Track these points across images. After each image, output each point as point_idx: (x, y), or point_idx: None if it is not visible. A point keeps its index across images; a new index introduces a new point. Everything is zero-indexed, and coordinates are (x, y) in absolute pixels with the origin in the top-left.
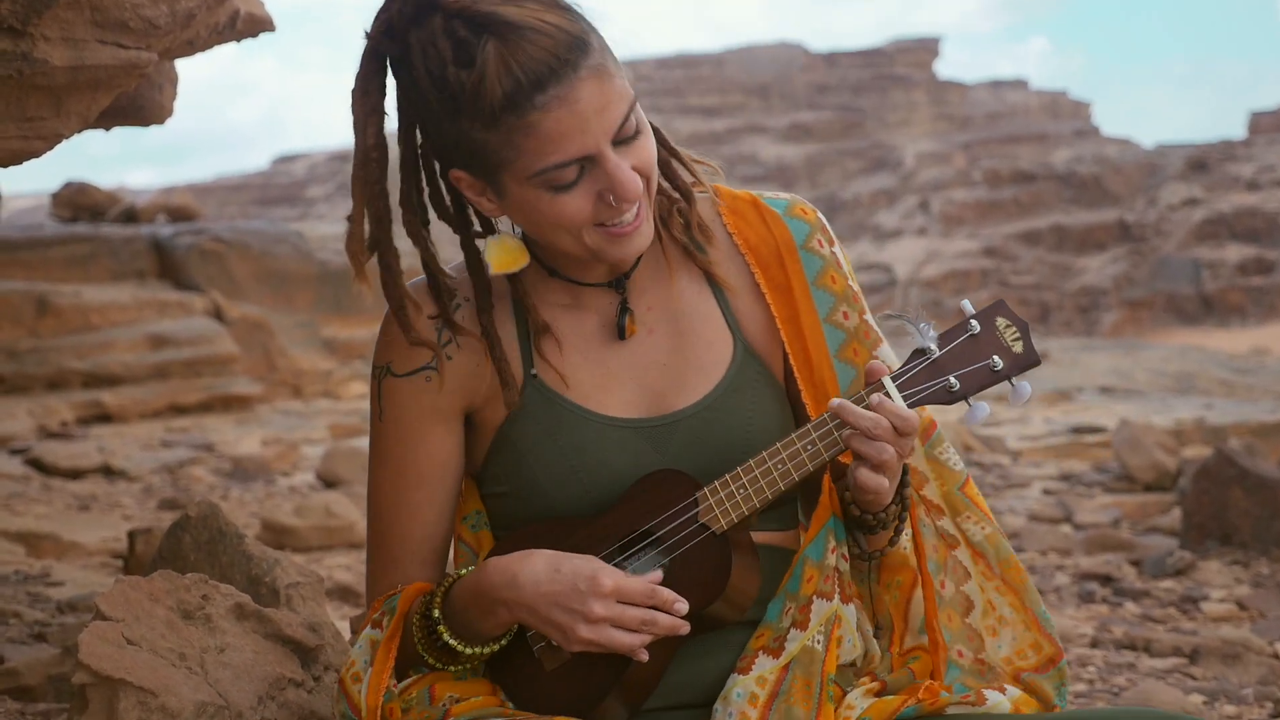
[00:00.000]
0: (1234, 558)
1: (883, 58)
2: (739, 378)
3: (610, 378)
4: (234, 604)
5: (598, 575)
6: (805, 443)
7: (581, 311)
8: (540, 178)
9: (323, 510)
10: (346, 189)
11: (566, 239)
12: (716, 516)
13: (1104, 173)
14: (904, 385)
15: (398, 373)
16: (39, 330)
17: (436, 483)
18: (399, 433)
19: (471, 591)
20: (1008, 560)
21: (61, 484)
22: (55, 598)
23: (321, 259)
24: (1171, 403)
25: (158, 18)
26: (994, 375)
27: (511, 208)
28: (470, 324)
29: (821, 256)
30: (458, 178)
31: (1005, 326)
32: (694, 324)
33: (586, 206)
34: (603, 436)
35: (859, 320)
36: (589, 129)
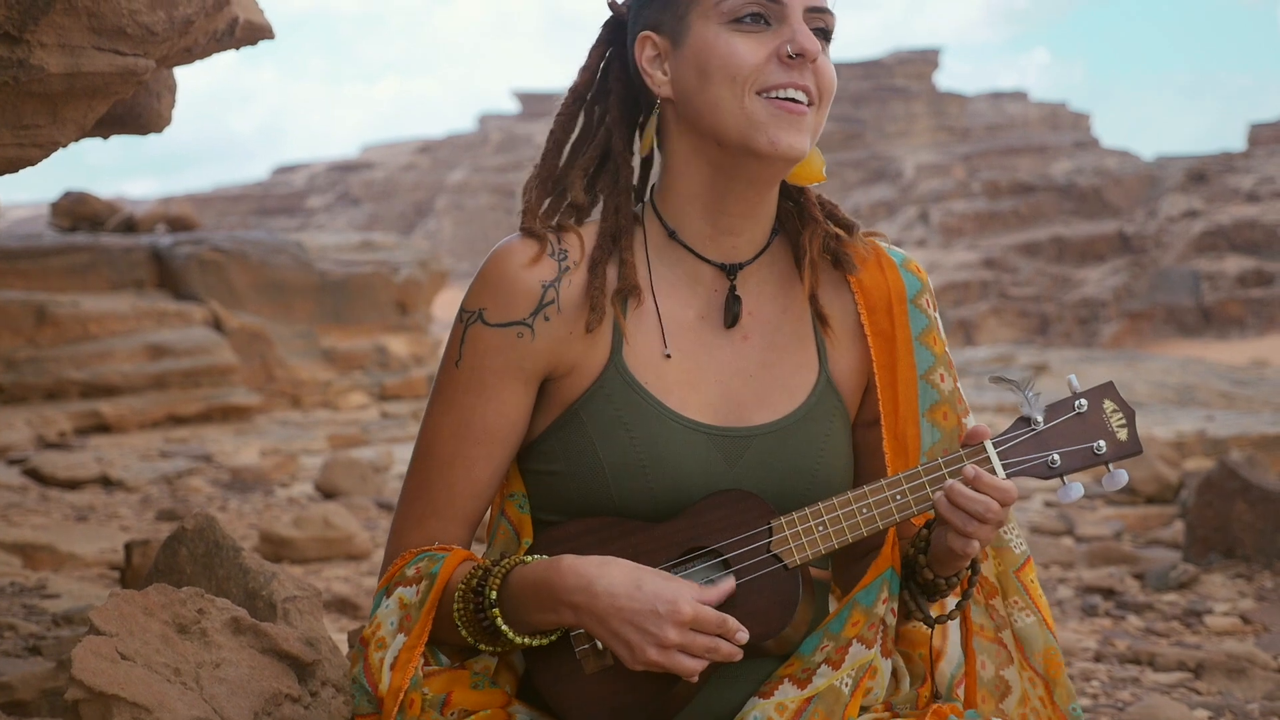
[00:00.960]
0: (1237, 571)
1: (882, 69)
2: (818, 407)
3: (697, 375)
4: (230, 618)
5: (678, 601)
6: (895, 492)
7: (688, 294)
8: (728, 3)
9: (321, 521)
10: (346, 199)
11: (729, 100)
12: (791, 550)
13: (1104, 184)
14: (1005, 453)
15: (490, 321)
16: (37, 340)
17: (498, 442)
18: (474, 382)
19: (537, 584)
20: (1046, 652)
21: (59, 494)
22: (51, 610)
23: (321, 269)
24: (1172, 414)
25: (155, 24)
26: (1095, 458)
27: (686, 62)
28: (577, 285)
29: (928, 316)
30: (644, 39)
31: (1112, 411)
32: (788, 342)
33: (761, 53)
34: (676, 436)
35: (954, 386)
36: None
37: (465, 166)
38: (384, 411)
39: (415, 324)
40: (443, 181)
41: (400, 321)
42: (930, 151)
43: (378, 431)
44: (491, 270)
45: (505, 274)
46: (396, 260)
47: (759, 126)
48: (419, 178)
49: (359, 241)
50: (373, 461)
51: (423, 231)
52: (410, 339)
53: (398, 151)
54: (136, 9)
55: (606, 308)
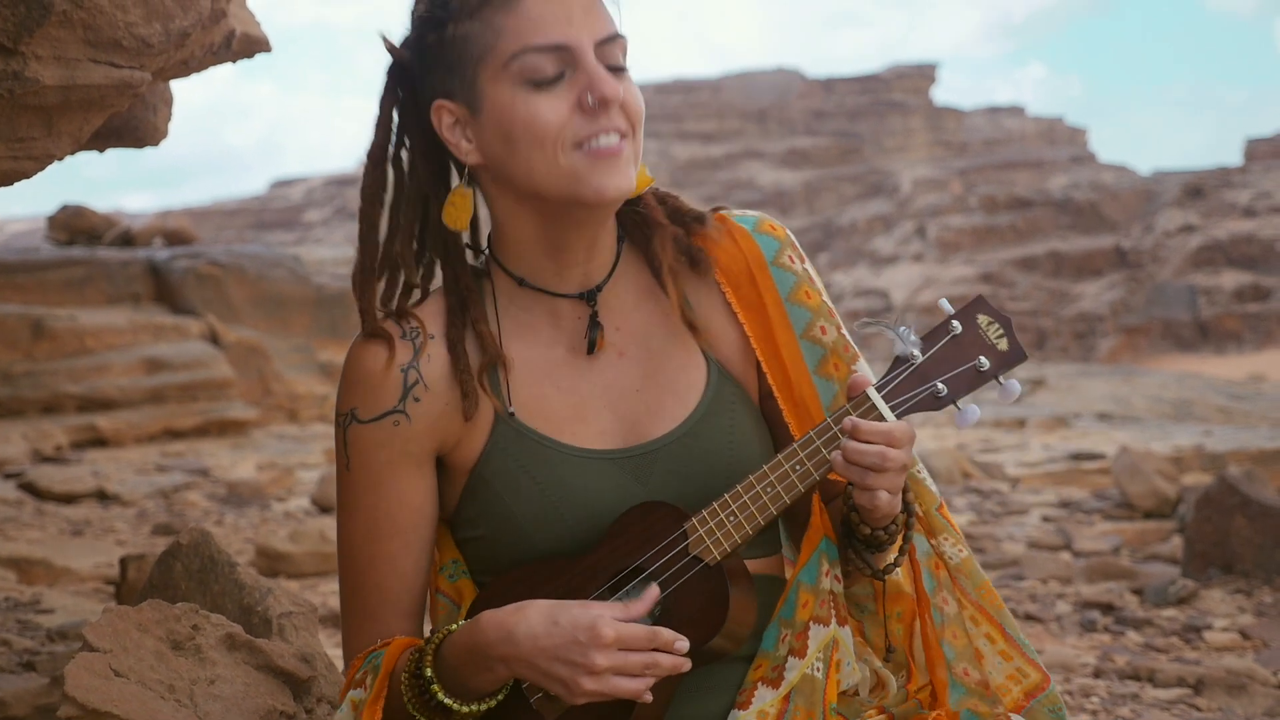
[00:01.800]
0: (1236, 586)
1: (880, 84)
2: (715, 401)
3: (584, 406)
4: (225, 634)
5: (596, 625)
6: (793, 463)
7: (552, 333)
8: (518, 64)
9: (317, 536)
10: (344, 213)
11: (542, 161)
12: (708, 547)
13: (1100, 199)
14: (890, 395)
15: (364, 419)
16: (34, 353)
17: (411, 530)
18: (368, 481)
19: (465, 648)
20: (983, 585)
21: (55, 508)
22: (45, 625)
23: (318, 283)
24: (1170, 429)
25: (151, 36)
26: (981, 376)
27: (488, 127)
28: (438, 361)
29: (794, 272)
30: (439, 108)
31: (988, 323)
32: (666, 346)
33: (563, 110)
34: (582, 470)
35: (836, 335)
36: (573, 20)
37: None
38: None
39: None
40: None
41: None
42: (927, 166)
43: None
44: (351, 371)
45: (363, 370)
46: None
47: (580, 179)
48: None
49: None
50: None
51: None
52: None
53: None
54: (132, 21)
55: (478, 390)
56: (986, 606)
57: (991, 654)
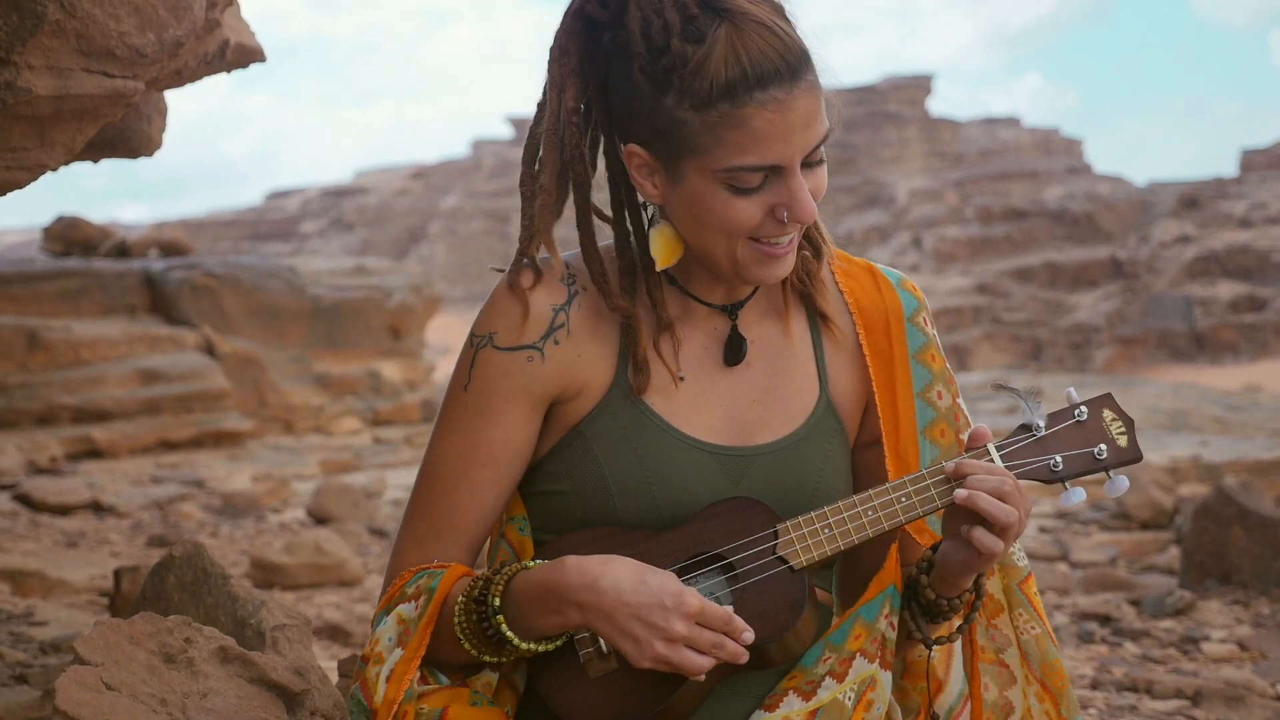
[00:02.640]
0: (1234, 597)
1: (875, 95)
2: (818, 428)
3: (702, 399)
4: (217, 647)
5: (683, 594)
6: (900, 494)
7: (690, 328)
8: (728, 174)
9: (313, 548)
10: (340, 224)
11: (721, 244)
12: (797, 552)
13: (1096, 210)
14: (1007, 456)
15: (500, 345)
16: (29, 365)
17: (504, 465)
18: (482, 405)
19: (542, 586)
20: (1052, 665)
21: (50, 520)
22: (38, 638)
23: (314, 294)
24: (1166, 440)
25: (145, 46)
26: (1096, 463)
27: (680, 198)
28: (588, 311)
29: (925, 334)
30: (632, 152)
31: (1111, 420)
32: (789, 366)
33: (757, 215)
34: (682, 455)
35: (952, 402)
36: (792, 140)
37: (459, 192)
38: (376, 437)
39: (408, 349)
40: (436, 207)
41: (393, 347)
42: (923, 177)
43: (370, 457)
44: (502, 295)
45: (516, 299)
46: (389, 285)
47: (748, 268)
48: (412, 203)
49: (352, 266)
50: (365, 487)
51: (416, 257)
52: (403, 364)
53: (391, 177)
54: (125, 31)
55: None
56: (1051, 687)
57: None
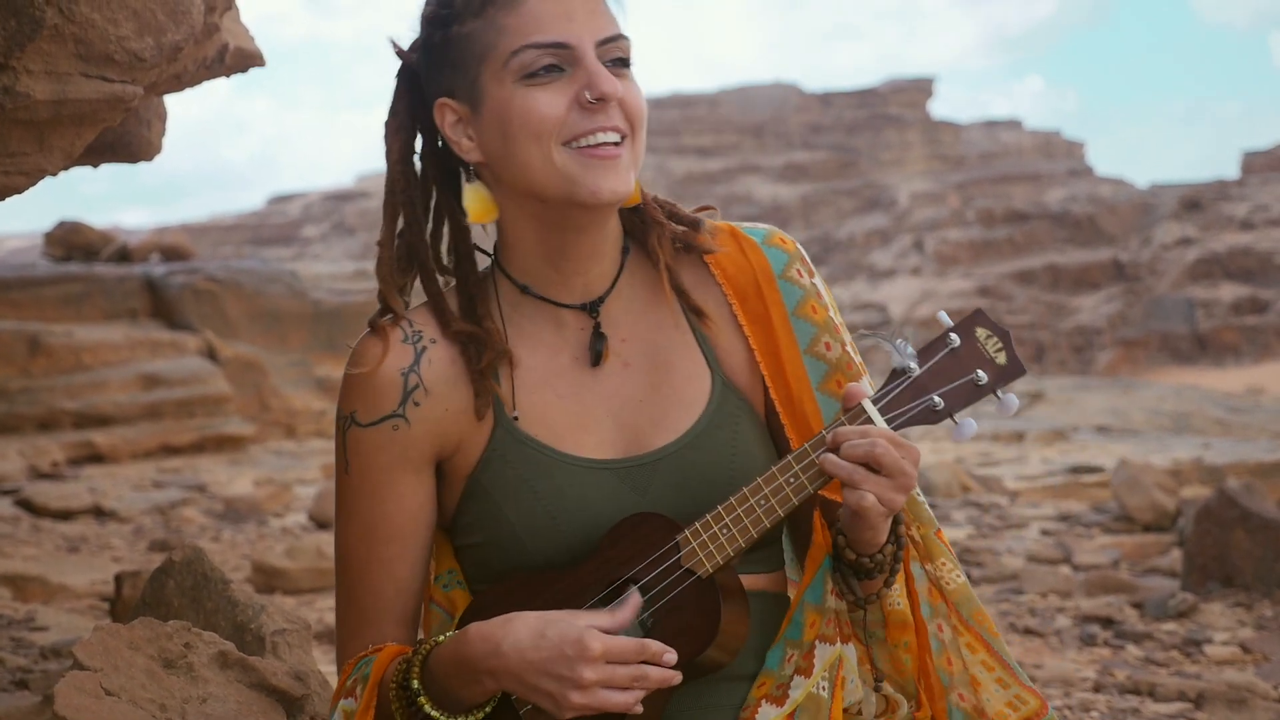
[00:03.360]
0: (1236, 600)
1: (877, 98)
2: (719, 413)
3: (586, 415)
4: (217, 652)
5: (584, 639)
6: (787, 476)
7: (555, 340)
8: (518, 60)
9: (314, 552)
10: (341, 228)
11: (537, 157)
12: (700, 560)
13: (1098, 212)
14: (886, 408)
15: (363, 422)
16: (31, 370)
17: (409, 536)
18: (367, 485)
19: (453, 660)
20: (978, 612)
21: (51, 525)
22: (39, 643)
23: (315, 298)
24: (1169, 442)
25: (143, 50)
26: (979, 390)
27: (488, 124)
28: (439, 364)
29: (801, 286)
30: (442, 107)
31: (986, 337)
32: (671, 357)
33: (561, 105)
34: (581, 480)
35: (841, 351)
36: (575, 19)
37: None
38: None
39: None
40: None
41: None
42: (924, 180)
43: None
44: (351, 372)
45: (364, 373)
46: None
47: (575, 180)
48: None
49: (353, 270)
50: None
51: None
52: None
53: None
54: (124, 35)
55: (489, 389)
56: (982, 633)
57: (989, 680)
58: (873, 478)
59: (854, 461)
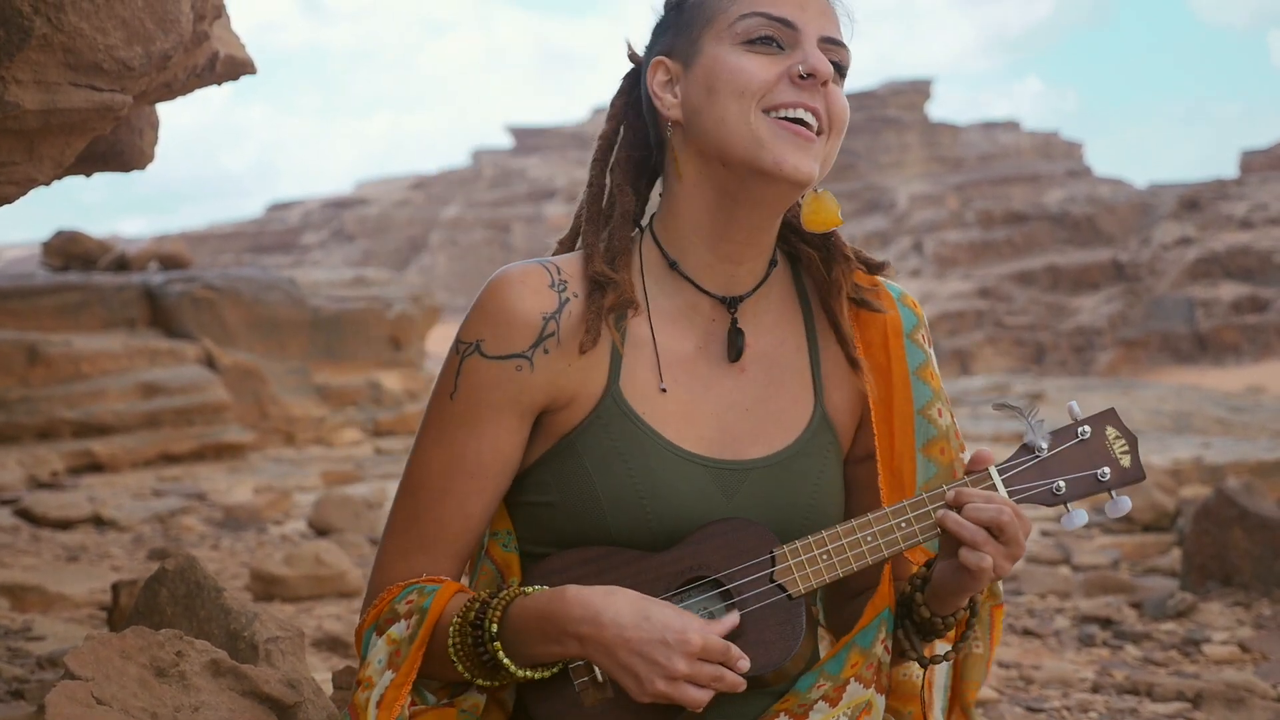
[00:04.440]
0: (1235, 599)
1: (875, 100)
2: (813, 442)
3: (694, 408)
4: (209, 660)
5: (687, 631)
6: (900, 520)
7: (686, 325)
8: (744, 24)
9: (313, 559)
10: (341, 235)
11: (734, 114)
12: (795, 579)
13: (1097, 213)
14: (1009, 480)
15: (488, 353)
16: (29, 379)
17: (491, 476)
18: (469, 415)
19: (540, 615)
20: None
21: (50, 534)
22: (35, 653)
23: (314, 305)
24: (1169, 442)
25: (132, 59)
26: (1099, 485)
27: (696, 80)
28: (576, 317)
29: (924, 351)
30: (657, 65)
31: (1114, 438)
32: (784, 375)
33: (771, 71)
34: (674, 468)
35: (950, 421)
36: (807, 8)
37: (459, 202)
38: (377, 448)
39: (409, 360)
40: (437, 217)
41: (393, 357)
42: (923, 182)
43: (371, 468)
44: (490, 300)
45: (505, 305)
46: (389, 296)
47: (764, 145)
48: (413, 213)
49: (352, 278)
50: (366, 498)
51: (417, 267)
52: (404, 375)
53: (391, 187)
54: (113, 44)
55: (602, 330)
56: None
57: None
58: (992, 542)
59: (978, 524)
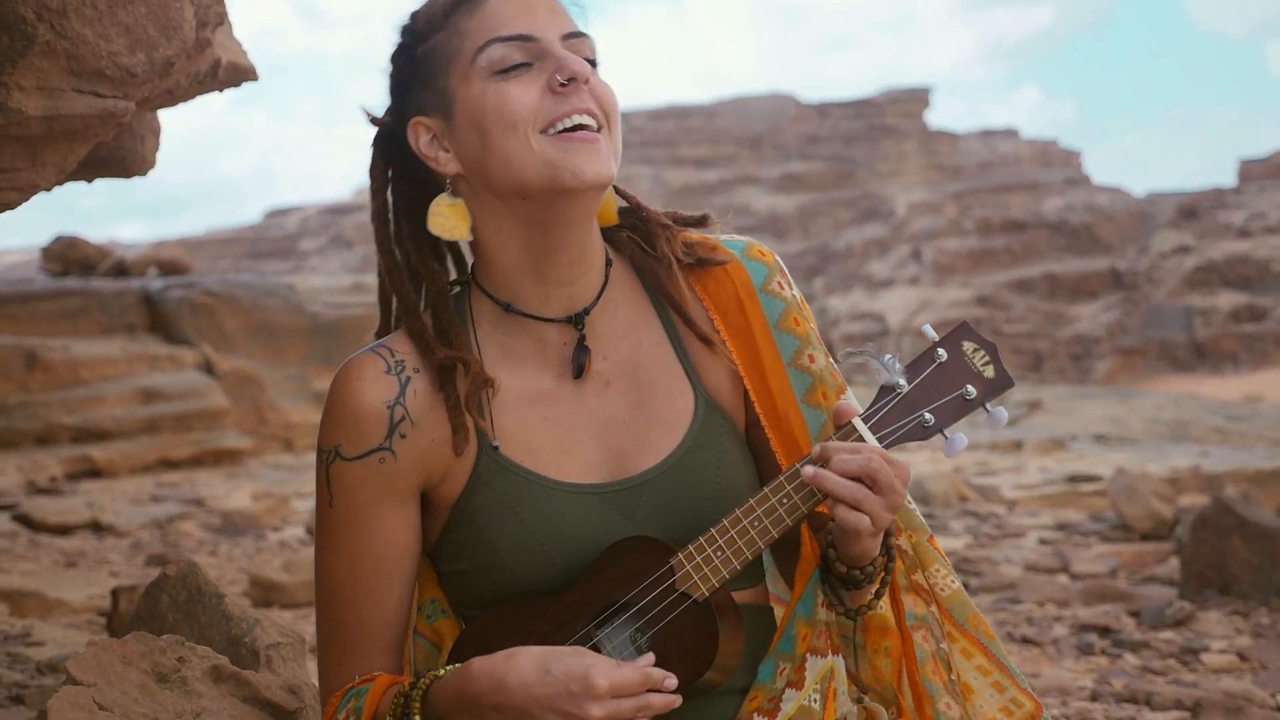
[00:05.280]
0: (1234, 608)
1: (874, 108)
2: (703, 433)
3: (569, 437)
4: (211, 666)
5: (590, 675)
6: (780, 497)
7: (538, 360)
8: (484, 56)
9: (312, 565)
10: (339, 242)
11: (516, 147)
12: (696, 583)
13: (1095, 221)
14: (876, 426)
15: (348, 455)
16: (28, 385)
17: (395, 567)
18: (352, 517)
19: (455, 695)
20: (974, 616)
21: (49, 540)
22: (35, 658)
23: (312, 311)
24: (1167, 450)
25: (135, 66)
26: (968, 404)
27: (463, 125)
28: (423, 394)
29: (783, 299)
30: (416, 126)
31: (973, 350)
32: (653, 376)
33: (533, 92)
34: (567, 505)
35: (825, 362)
36: (537, 14)
37: None
38: None
39: None
40: None
41: None
42: (922, 190)
43: None
44: (335, 405)
45: (349, 405)
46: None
47: (556, 164)
48: None
49: (350, 283)
50: None
51: None
52: None
53: None
54: (116, 51)
55: (466, 425)
56: (979, 636)
57: (984, 686)
58: (870, 497)
59: (849, 475)
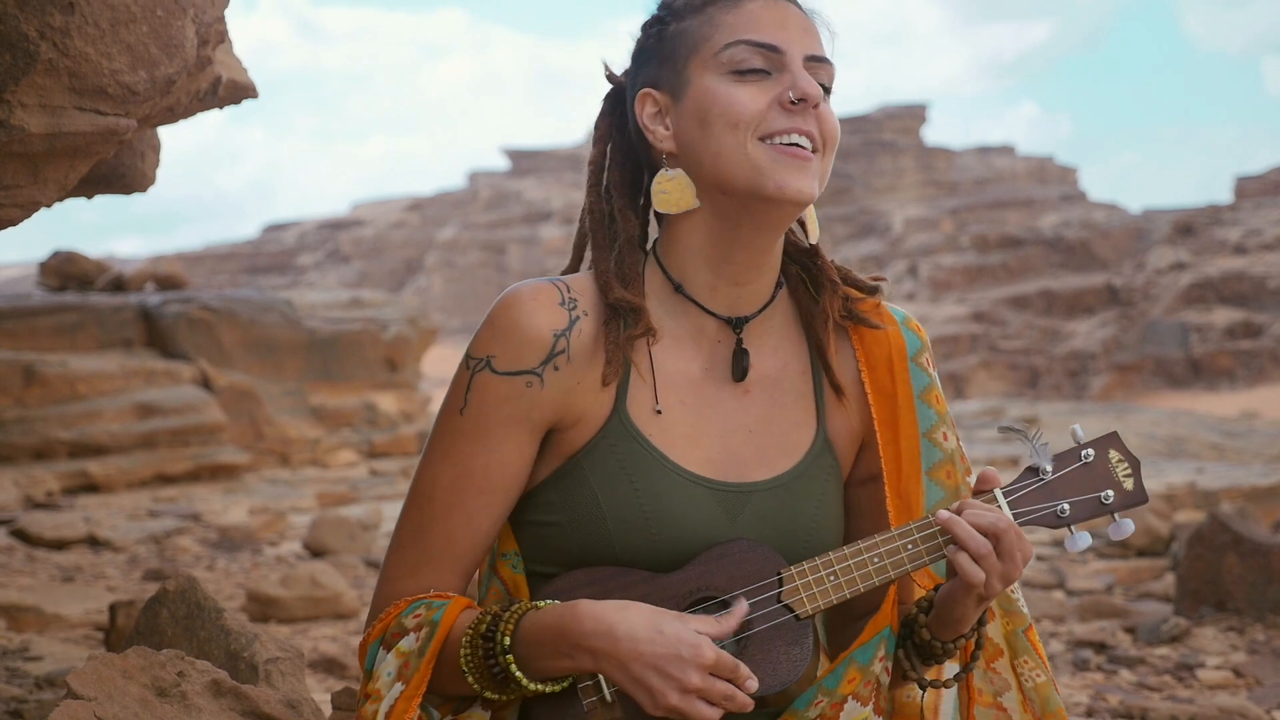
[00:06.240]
0: (1229, 624)
1: (870, 124)
2: (814, 466)
3: (699, 430)
4: (210, 680)
5: (700, 645)
6: (906, 541)
7: (692, 347)
8: (728, 53)
9: (309, 580)
10: (336, 257)
11: (730, 146)
12: (802, 600)
13: (1091, 237)
14: (1015, 503)
15: (498, 369)
16: (25, 400)
17: (500, 492)
18: (478, 431)
19: (553, 629)
20: (1055, 713)
21: (46, 555)
22: (33, 673)
23: (310, 326)
24: (1163, 466)
25: (137, 84)
26: (1103, 507)
27: (688, 113)
28: (587, 336)
29: (928, 374)
30: (644, 97)
31: (1117, 460)
32: (787, 399)
33: (762, 100)
34: (681, 489)
35: (956, 444)
36: (789, 28)
37: (455, 223)
38: (373, 469)
39: (404, 381)
40: (433, 238)
41: (389, 379)
42: (918, 206)
43: (366, 489)
44: (501, 317)
45: (516, 322)
46: (385, 317)
47: (764, 172)
48: (409, 235)
49: (348, 299)
50: (361, 519)
51: (413, 288)
52: (399, 396)
53: (388, 209)
54: (118, 69)
55: (622, 361)
56: None
57: None
58: (992, 555)
59: (979, 529)
